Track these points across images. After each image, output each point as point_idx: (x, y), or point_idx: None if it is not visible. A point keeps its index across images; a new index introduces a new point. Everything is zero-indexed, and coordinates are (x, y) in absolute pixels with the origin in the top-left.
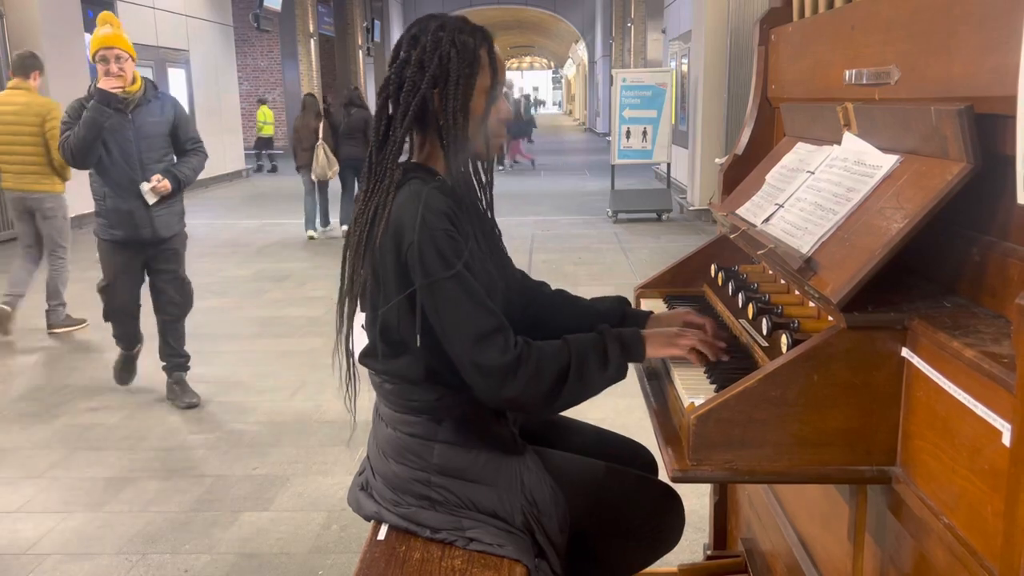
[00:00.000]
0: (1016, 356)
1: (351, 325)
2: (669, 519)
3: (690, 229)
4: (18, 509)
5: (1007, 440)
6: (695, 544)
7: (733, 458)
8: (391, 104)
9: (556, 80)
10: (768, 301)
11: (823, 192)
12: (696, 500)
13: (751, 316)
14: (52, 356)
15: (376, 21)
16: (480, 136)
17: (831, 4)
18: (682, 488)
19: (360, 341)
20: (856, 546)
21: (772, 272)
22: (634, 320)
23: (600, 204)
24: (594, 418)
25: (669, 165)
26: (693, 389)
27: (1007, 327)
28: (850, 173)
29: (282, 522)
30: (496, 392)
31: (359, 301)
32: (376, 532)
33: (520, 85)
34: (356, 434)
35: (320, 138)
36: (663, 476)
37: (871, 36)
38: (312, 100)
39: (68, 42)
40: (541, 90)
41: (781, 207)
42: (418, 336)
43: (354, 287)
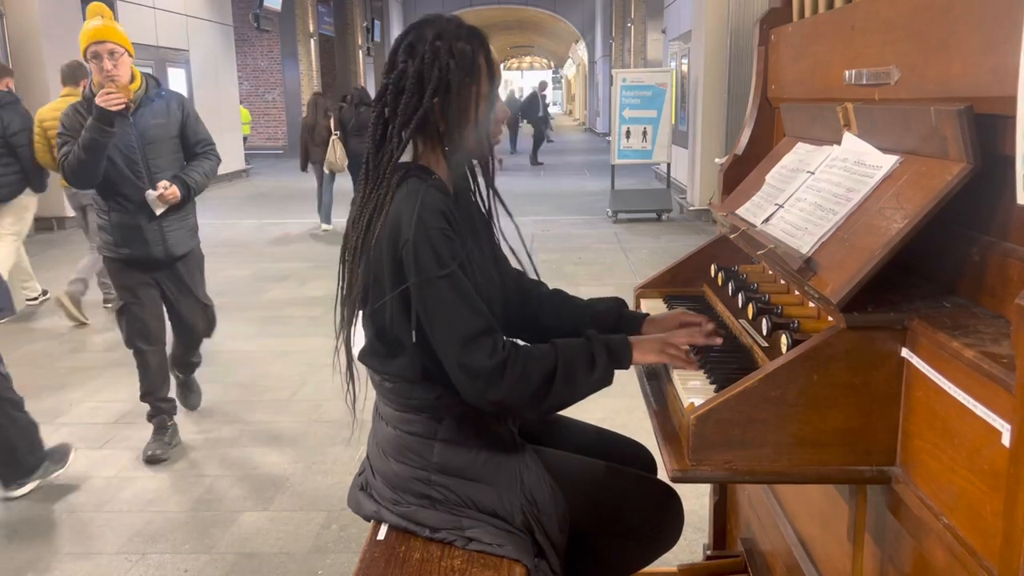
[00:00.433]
0: (1016, 356)
1: (351, 324)
2: (668, 519)
3: (690, 229)
4: None
5: (1006, 440)
6: (695, 544)
7: (733, 458)
8: (388, 111)
9: (556, 80)
10: (768, 301)
11: (823, 192)
12: (696, 500)
13: (751, 316)
14: (49, 351)
15: (376, 21)
16: (480, 139)
17: (831, 4)
18: (682, 488)
19: (360, 340)
20: (856, 546)
21: (772, 272)
22: (630, 322)
23: (600, 204)
24: (594, 418)
25: (669, 165)
26: (693, 389)
27: (1007, 327)
28: (850, 173)
29: (282, 522)
30: (481, 394)
31: (358, 300)
32: (376, 532)
33: (520, 83)
34: (356, 434)
35: (334, 134)
36: (663, 476)
37: (871, 36)
38: (320, 99)
39: (68, 43)
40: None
41: (781, 207)
42: (413, 333)
43: (353, 286)
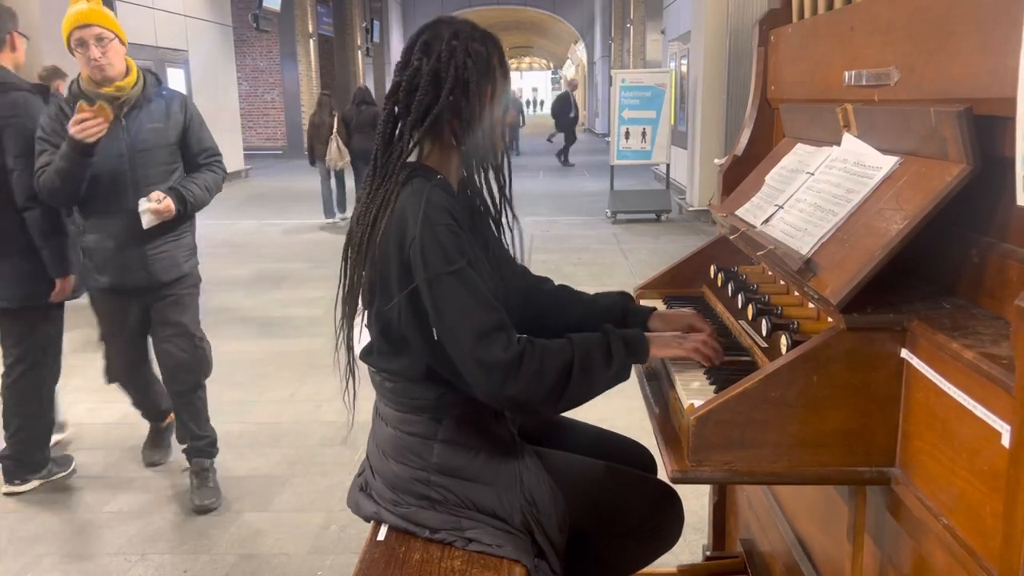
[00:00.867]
0: (1015, 357)
1: (351, 324)
2: (668, 519)
3: (689, 230)
4: (17, 510)
5: (1006, 441)
6: (694, 545)
7: (732, 459)
8: (400, 108)
9: (555, 81)
10: (768, 302)
11: (823, 193)
12: (695, 501)
13: (751, 317)
14: None
15: (375, 21)
16: (493, 140)
17: (831, 5)
18: (681, 489)
19: (361, 340)
20: (855, 547)
21: (772, 273)
22: (636, 316)
23: (599, 205)
24: (594, 418)
25: (668, 166)
26: (693, 390)
27: (1006, 328)
28: (849, 174)
29: (281, 522)
30: (498, 390)
31: (360, 300)
32: (375, 533)
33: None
34: (355, 435)
35: (334, 132)
36: (663, 476)
37: (870, 37)
38: (327, 99)
39: None
40: (540, 90)
41: (781, 208)
42: (434, 331)
43: (355, 286)
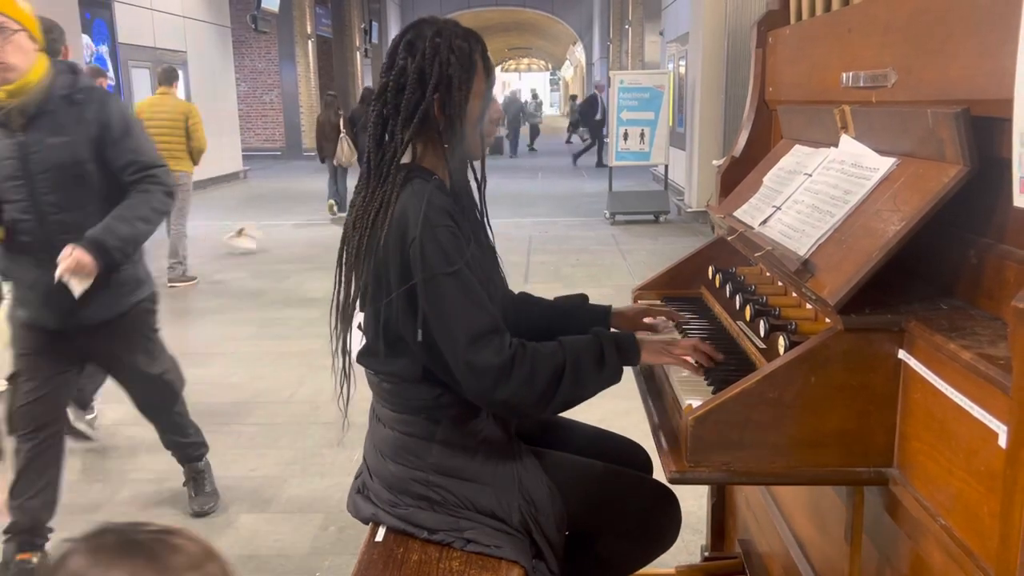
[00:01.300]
0: (1012, 358)
1: (349, 325)
2: (666, 520)
3: (688, 231)
4: None
5: (1003, 442)
6: (692, 545)
7: (730, 459)
8: (388, 110)
9: (554, 82)
10: (766, 303)
11: (820, 194)
12: (694, 501)
13: (749, 318)
14: None
15: (374, 22)
16: (475, 137)
17: (828, 7)
18: (680, 489)
19: (358, 341)
20: (853, 547)
21: (770, 274)
22: (595, 314)
23: (597, 206)
24: (592, 419)
25: (667, 167)
26: (691, 391)
27: (1003, 329)
28: (847, 175)
29: (279, 524)
30: (490, 393)
31: (358, 301)
32: (374, 534)
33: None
34: (351, 437)
35: (343, 131)
36: (660, 477)
37: (868, 39)
38: (333, 99)
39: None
40: (539, 92)
41: (778, 209)
42: (419, 331)
43: (353, 287)
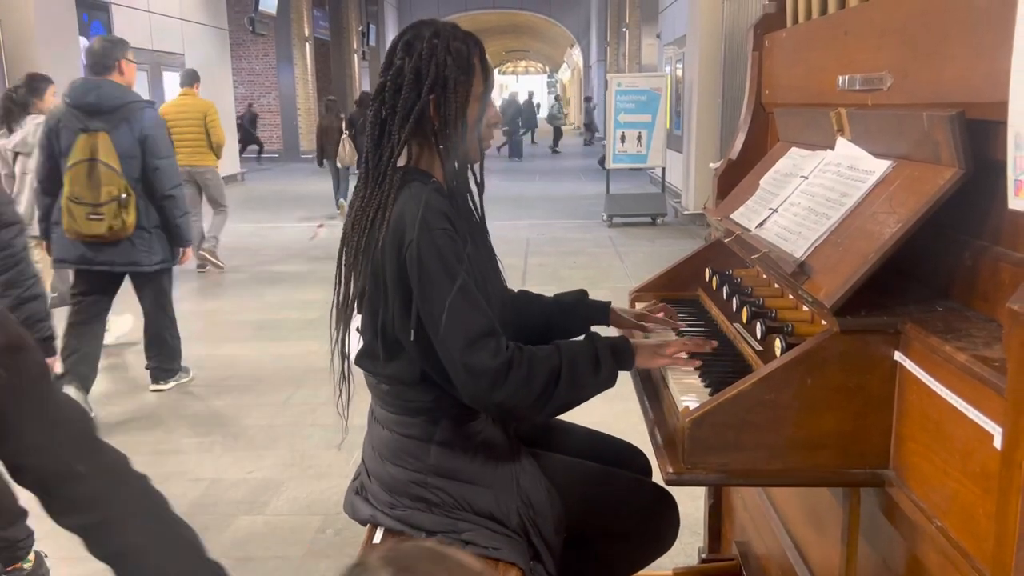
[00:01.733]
0: (1007, 360)
1: (347, 328)
2: (664, 522)
3: (685, 233)
4: None
5: (998, 443)
6: (690, 547)
7: (727, 461)
8: (386, 110)
9: (551, 84)
10: (762, 305)
11: (817, 197)
12: (691, 503)
13: (745, 320)
14: None
15: (371, 25)
16: (472, 140)
17: (824, 10)
18: (677, 491)
19: (356, 344)
20: (849, 548)
21: (766, 276)
22: (595, 310)
23: (595, 208)
24: (590, 421)
25: (664, 169)
26: (687, 392)
27: (999, 331)
28: (843, 178)
29: (277, 526)
30: (486, 395)
31: (356, 303)
32: (372, 535)
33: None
34: (349, 438)
35: (344, 133)
36: (658, 479)
37: (864, 42)
38: (334, 103)
39: (63, 47)
40: (537, 94)
41: (775, 212)
42: (412, 331)
43: (351, 289)
